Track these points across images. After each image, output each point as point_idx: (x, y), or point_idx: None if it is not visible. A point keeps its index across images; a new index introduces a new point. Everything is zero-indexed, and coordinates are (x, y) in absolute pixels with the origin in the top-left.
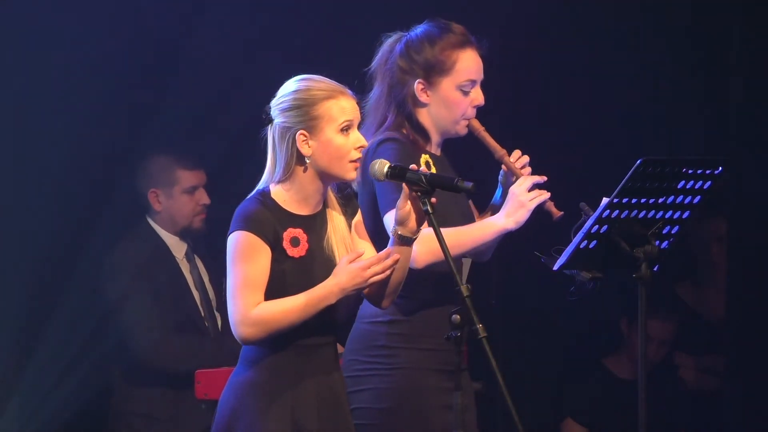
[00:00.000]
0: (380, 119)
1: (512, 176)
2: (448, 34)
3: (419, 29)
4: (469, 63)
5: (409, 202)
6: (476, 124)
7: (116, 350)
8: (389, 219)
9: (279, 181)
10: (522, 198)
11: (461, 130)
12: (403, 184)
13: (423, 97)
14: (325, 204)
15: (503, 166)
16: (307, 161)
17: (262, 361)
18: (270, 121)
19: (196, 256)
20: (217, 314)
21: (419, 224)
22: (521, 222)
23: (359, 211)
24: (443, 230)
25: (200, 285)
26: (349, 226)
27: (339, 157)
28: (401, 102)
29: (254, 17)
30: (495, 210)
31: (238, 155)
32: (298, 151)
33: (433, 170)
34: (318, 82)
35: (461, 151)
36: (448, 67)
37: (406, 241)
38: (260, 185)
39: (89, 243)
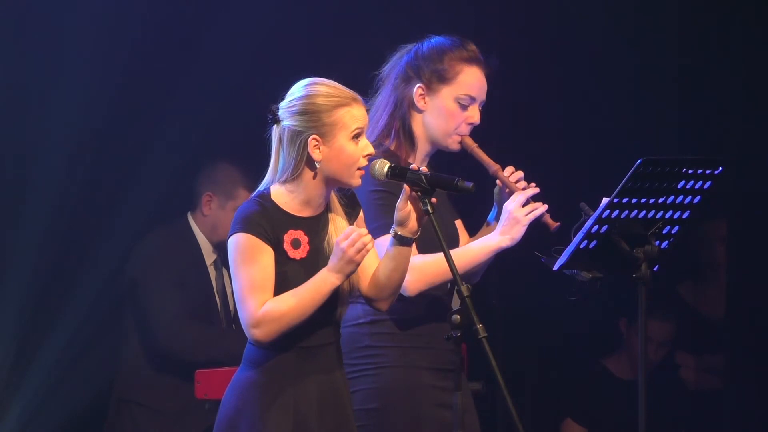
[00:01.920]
0: (375, 120)
1: (507, 192)
2: (459, 48)
3: (433, 40)
4: (472, 78)
5: (409, 203)
6: (469, 141)
7: (122, 340)
8: (382, 244)
9: (284, 182)
10: (517, 214)
11: (452, 145)
12: (404, 185)
13: (420, 103)
14: (328, 206)
15: (498, 182)
16: (317, 165)
17: (264, 362)
18: (276, 122)
19: (224, 268)
20: (233, 326)
21: (419, 224)
22: (517, 239)
23: (361, 211)
24: (438, 256)
25: (222, 295)
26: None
27: (349, 165)
28: (398, 103)
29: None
30: (489, 228)
31: None
32: (308, 155)
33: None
34: (330, 88)
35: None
36: (451, 77)
37: (406, 242)
38: (261, 187)
39: (92, 246)
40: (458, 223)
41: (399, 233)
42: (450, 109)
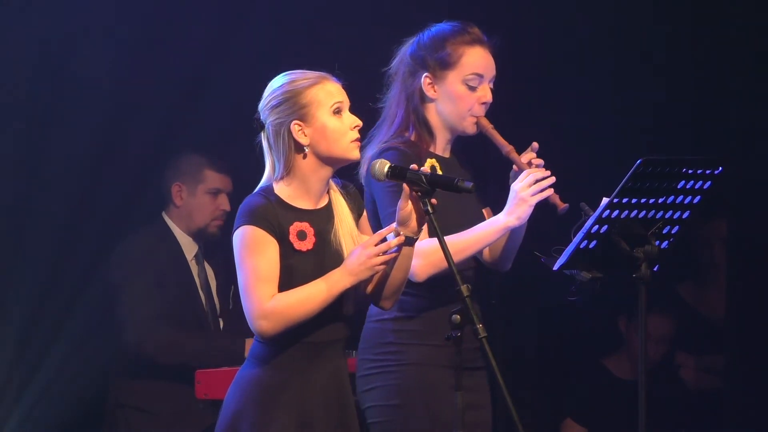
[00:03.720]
0: (392, 116)
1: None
2: (461, 33)
3: (434, 28)
4: (475, 58)
5: (409, 202)
6: (484, 121)
7: (115, 342)
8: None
9: (281, 178)
10: (523, 194)
11: (469, 127)
12: (404, 185)
13: (430, 92)
14: (330, 198)
15: (514, 167)
16: (306, 150)
17: (270, 359)
18: (262, 126)
19: (205, 261)
20: (219, 320)
21: (420, 224)
22: (524, 218)
23: (365, 209)
24: (448, 237)
25: (206, 289)
26: (356, 222)
27: (336, 140)
28: (409, 96)
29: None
30: None
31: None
32: (295, 142)
33: (439, 173)
34: (299, 73)
35: (477, 153)
36: (454, 61)
37: (408, 241)
38: (262, 183)
39: (91, 250)
40: (486, 211)
41: (401, 233)
42: (459, 92)
